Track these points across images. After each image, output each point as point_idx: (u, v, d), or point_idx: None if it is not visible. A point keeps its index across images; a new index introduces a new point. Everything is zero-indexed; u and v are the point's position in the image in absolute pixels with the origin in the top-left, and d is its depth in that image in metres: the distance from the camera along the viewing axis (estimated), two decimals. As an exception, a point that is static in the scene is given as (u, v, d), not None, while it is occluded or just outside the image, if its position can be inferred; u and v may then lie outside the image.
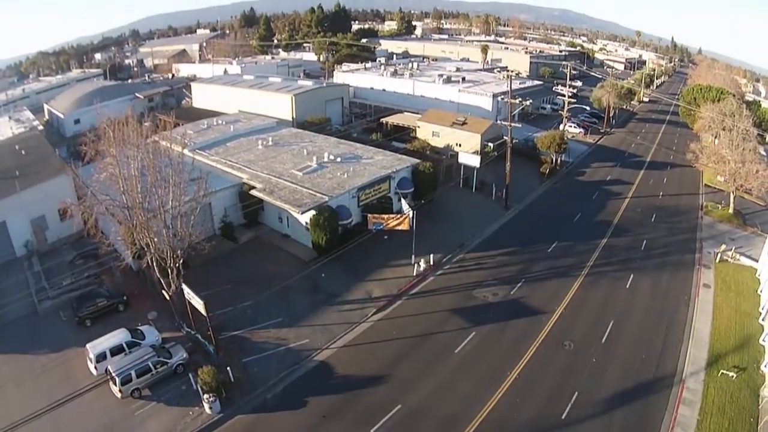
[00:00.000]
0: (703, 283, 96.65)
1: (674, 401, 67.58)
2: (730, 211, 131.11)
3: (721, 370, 72.74)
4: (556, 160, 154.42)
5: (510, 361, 72.98)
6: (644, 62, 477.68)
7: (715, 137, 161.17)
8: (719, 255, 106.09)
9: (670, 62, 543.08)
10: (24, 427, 61.20)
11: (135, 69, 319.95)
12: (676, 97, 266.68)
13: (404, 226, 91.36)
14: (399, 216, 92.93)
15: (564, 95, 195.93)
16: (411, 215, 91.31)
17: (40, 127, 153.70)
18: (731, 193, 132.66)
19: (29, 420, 62.01)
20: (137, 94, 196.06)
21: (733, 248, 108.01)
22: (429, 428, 62.18)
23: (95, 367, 68.01)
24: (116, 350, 69.13)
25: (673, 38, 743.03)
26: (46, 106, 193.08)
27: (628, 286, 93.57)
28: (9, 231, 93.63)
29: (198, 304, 69.04)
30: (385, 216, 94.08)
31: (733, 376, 71.79)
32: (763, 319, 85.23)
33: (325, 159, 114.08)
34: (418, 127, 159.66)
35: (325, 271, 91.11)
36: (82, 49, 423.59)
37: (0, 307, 79.88)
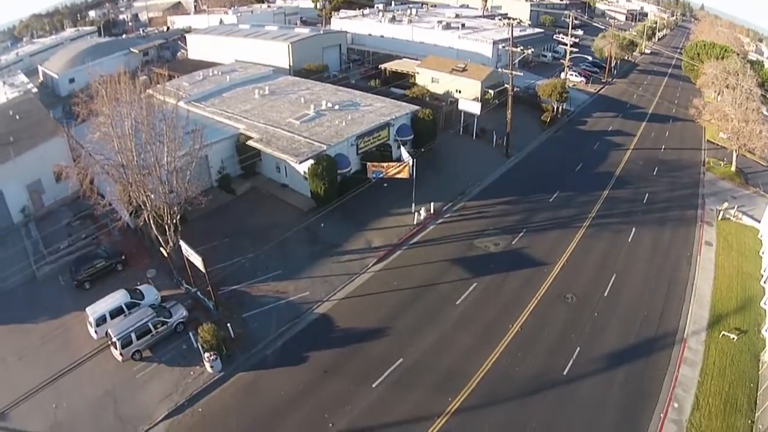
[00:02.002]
0: (705, 240, 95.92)
1: (675, 360, 67.23)
2: (732, 169, 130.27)
3: (723, 332, 72.39)
4: (558, 108, 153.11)
5: (512, 314, 72.52)
6: (646, 14, 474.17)
7: (718, 94, 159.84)
8: (721, 213, 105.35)
9: (672, 16, 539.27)
10: (26, 402, 60.58)
11: (129, 24, 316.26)
12: (678, 50, 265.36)
13: (404, 174, 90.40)
14: (399, 164, 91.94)
15: (565, 44, 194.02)
16: (411, 163, 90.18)
17: (35, 90, 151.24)
18: (734, 152, 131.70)
19: (32, 393, 61.39)
20: (132, 49, 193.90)
21: (736, 206, 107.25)
22: (431, 383, 61.82)
23: (95, 331, 67.57)
24: (115, 312, 68.55)
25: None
26: (40, 68, 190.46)
27: (630, 240, 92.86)
28: (6, 199, 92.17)
29: (196, 260, 68.00)
30: (385, 164, 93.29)
31: (734, 338, 71.47)
32: (764, 282, 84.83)
33: (323, 107, 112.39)
34: (417, 73, 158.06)
35: (325, 221, 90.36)
36: (76, 7, 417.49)
37: None
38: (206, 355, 62.65)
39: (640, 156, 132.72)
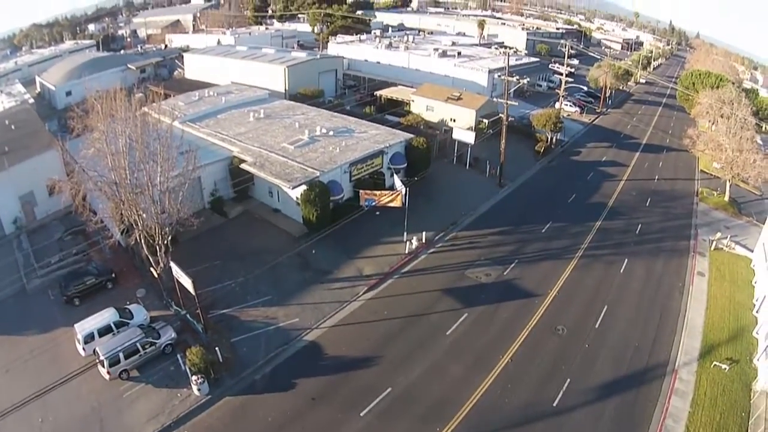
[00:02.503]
0: (697, 270, 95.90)
1: (666, 391, 67.22)
2: (726, 198, 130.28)
3: (714, 362, 72.26)
4: (552, 138, 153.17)
5: (502, 345, 72.35)
6: (641, 43, 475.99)
7: (713, 123, 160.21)
8: (714, 243, 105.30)
9: (668, 45, 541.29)
10: (12, 415, 60.44)
11: (128, 40, 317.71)
12: (674, 80, 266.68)
13: (397, 203, 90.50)
14: (392, 192, 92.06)
15: (561, 73, 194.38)
16: (404, 192, 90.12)
17: (32, 100, 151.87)
18: (727, 181, 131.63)
19: (18, 407, 61.21)
20: (129, 65, 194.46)
21: (728, 237, 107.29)
22: (419, 413, 61.58)
23: (83, 348, 67.45)
24: (104, 330, 68.55)
25: (671, 21, 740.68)
26: (38, 79, 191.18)
27: (622, 271, 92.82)
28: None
29: (186, 282, 68.08)
30: (378, 192, 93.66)
31: (725, 369, 71.36)
32: (756, 311, 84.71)
33: (318, 132, 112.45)
34: (413, 101, 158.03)
35: (316, 248, 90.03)
36: (76, 20, 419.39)
37: None
38: (194, 377, 62.60)
39: (633, 187, 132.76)
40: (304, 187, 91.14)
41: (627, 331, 77.50)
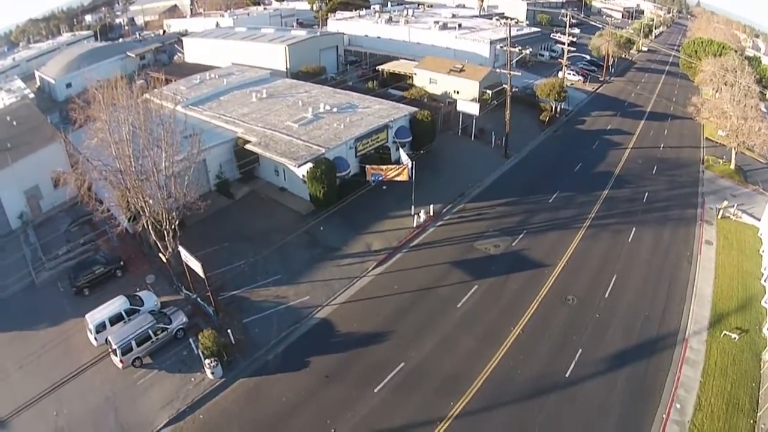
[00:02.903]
0: (705, 239, 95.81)
1: (677, 361, 67.21)
2: (732, 166, 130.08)
3: (724, 331, 72.24)
4: (556, 107, 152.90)
5: (513, 317, 72.46)
6: (642, 12, 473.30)
7: (717, 91, 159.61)
8: (721, 211, 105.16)
9: (669, 13, 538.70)
10: (28, 410, 60.67)
11: (126, 28, 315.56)
12: (676, 48, 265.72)
13: (403, 177, 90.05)
14: (398, 166, 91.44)
15: (562, 43, 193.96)
16: (410, 165, 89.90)
17: (32, 95, 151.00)
18: (733, 149, 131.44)
19: (34, 401, 61.46)
20: (128, 53, 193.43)
21: (735, 205, 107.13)
22: (433, 386, 61.80)
23: (95, 338, 67.62)
24: (115, 319, 68.56)
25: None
26: (36, 73, 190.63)
27: (630, 240, 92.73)
28: (3, 205, 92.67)
29: (195, 265, 68.05)
30: (384, 167, 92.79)
31: (735, 338, 71.40)
32: (765, 281, 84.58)
33: (321, 109, 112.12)
34: (415, 74, 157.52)
35: (324, 225, 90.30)
36: (72, 12, 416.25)
37: None
38: (207, 361, 62.71)
39: (639, 155, 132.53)
40: (309, 164, 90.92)
41: (637, 300, 77.43)
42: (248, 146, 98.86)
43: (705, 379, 64.55)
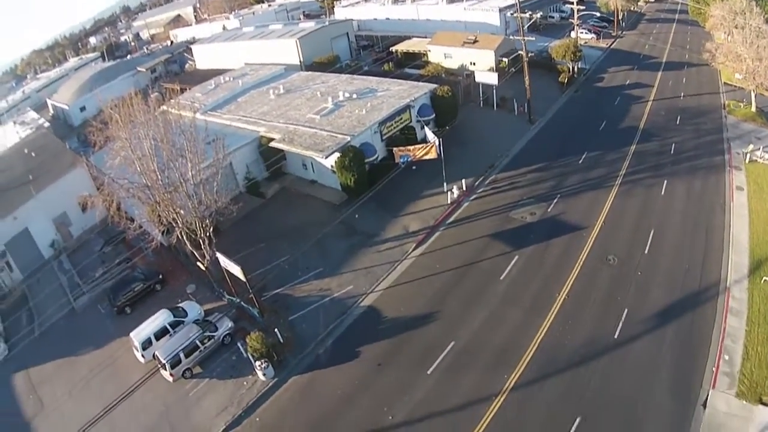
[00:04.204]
0: (735, 185, 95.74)
1: (722, 312, 67.39)
2: (753, 109, 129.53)
3: (764, 277, 72.03)
4: (573, 68, 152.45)
5: (556, 283, 72.99)
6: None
7: (728, 35, 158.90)
8: (748, 155, 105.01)
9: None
10: None
11: (132, 44, 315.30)
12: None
13: (432, 155, 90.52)
14: (425, 145, 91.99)
15: (571, 2, 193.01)
16: (437, 142, 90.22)
17: (47, 124, 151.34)
18: (752, 92, 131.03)
19: (87, 428, 62.42)
20: (138, 68, 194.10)
21: (761, 147, 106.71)
22: (486, 362, 62.41)
23: (142, 355, 68.62)
24: (160, 333, 69.46)
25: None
26: (48, 101, 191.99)
27: (663, 193, 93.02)
28: (33, 235, 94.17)
29: (235, 269, 68.54)
30: (411, 147, 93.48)
31: (776, 284, 71.24)
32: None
33: (341, 98, 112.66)
34: (429, 51, 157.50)
35: (359, 212, 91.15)
36: (75, 37, 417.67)
37: (38, 313, 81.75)
38: (257, 363, 63.54)
39: (661, 107, 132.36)
40: (337, 154, 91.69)
41: (676, 253, 77.77)
42: (273, 144, 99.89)
43: (750, 327, 64.80)
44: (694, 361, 60.99)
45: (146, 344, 68.13)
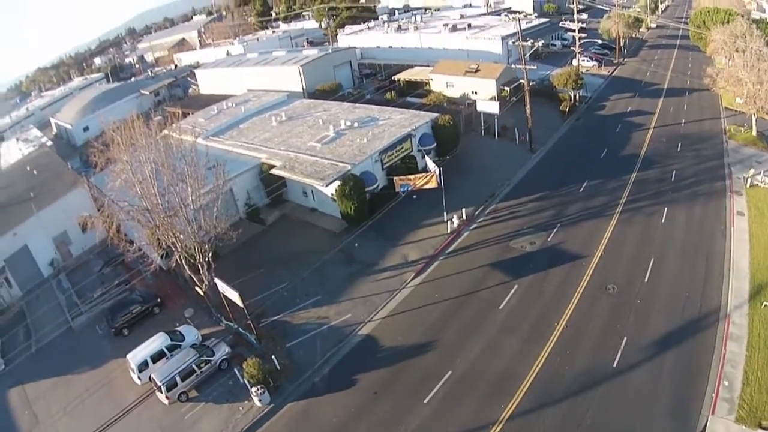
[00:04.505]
0: (736, 210, 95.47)
1: (722, 338, 67.03)
2: (754, 133, 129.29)
3: (765, 302, 71.68)
4: (575, 96, 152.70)
5: (556, 312, 72.71)
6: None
7: (729, 59, 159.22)
8: (749, 180, 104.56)
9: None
10: None
11: (136, 66, 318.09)
12: (684, 20, 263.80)
13: (432, 184, 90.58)
14: (425, 174, 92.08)
15: (573, 30, 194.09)
16: (437, 171, 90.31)
17: (49, 143, 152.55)
18: (752, 116, 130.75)
19: None
20: (142, 91, 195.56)
21: (762, 172, 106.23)
22: (483, 391, 62.06)
23: (138, 377, 68.72)
24: (157, 356, 69.51)
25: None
26: (52, 120, 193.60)
27: (663, 220, 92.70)
28: (32, 253, 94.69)
29: (233, 295, 68.61)
30: (412, 176, 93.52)
31: (776, 309, 70.92)
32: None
33: (342, 126, 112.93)
34: (431, 79, 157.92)
35: (358, 241, 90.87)
36: (81, 56, 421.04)
37: (35, 330, 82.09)
38: (253, 389, 63.24)
39: (662, 133, 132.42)
40: (337, 182, 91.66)
41: (676, 281, 77.45)
42: (274, 171, 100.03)
43: (750, 352, 64.42)
44: (693, 388, 60.59)
45: (143, 366, 68.43)
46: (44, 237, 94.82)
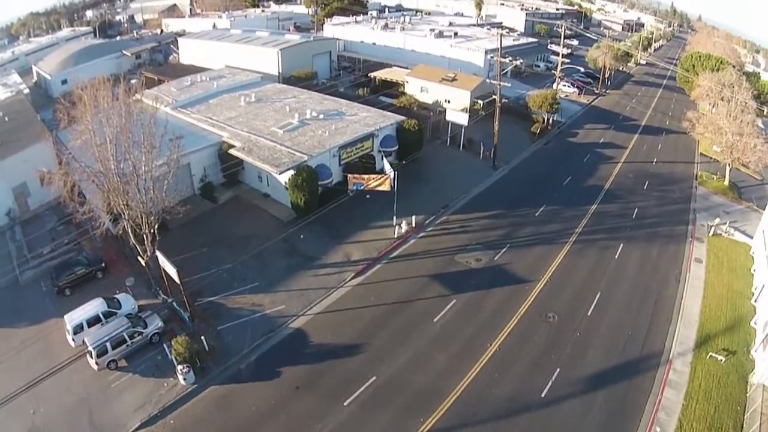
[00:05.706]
0: (695, 257, 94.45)
1: (660, 383, 66.05)
2: (726, 183, 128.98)
3: (710, 353, 70.88)
4: (548, 119, 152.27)
5: (490, 333, 71.36)
6: (642, 25, 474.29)
7: (713, 106, 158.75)
8: (713, 228, 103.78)
9: (669, 27, 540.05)
10: (6, 406, 60.63)
11: (125, 25, 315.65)
12: (674, 62, 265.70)
13: (385, 187, 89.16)
14: (380, 176, 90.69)
15: (559, 54, 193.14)
16: (393, 175, 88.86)
17: (27, 91, 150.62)
18: (727, 165, 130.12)
19: (10, 399, 61.64)
20: (124, 51, 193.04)
21: (728, 222, 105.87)
22: (404, 402, 61.04)
23: (73, 339, 67.81)
24: (93, 321, 68.73)
25: (672, 3, 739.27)
26: (34, 68, 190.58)
27: (617, 256, 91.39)
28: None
29: (171, 270, 68.02)
30: (366, 176, 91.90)
31: (721, 360, 69.95)
32: (755, 301, 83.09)
33: (308, 116, 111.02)
34: (407, 82, 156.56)
35: (304, 233, 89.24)
36: (74, 6, 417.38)
37: None
38: (180, 367, 62.82)
39: (631, 169, 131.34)
40: (291, 171, 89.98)
41: (620, 318, 76.19)
42: (232, 151, 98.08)
43: (688, 402, 63.22)
44: (622, 430, 59.31)
45: (78, 329, 67.72)
46: (5, 186, 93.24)
